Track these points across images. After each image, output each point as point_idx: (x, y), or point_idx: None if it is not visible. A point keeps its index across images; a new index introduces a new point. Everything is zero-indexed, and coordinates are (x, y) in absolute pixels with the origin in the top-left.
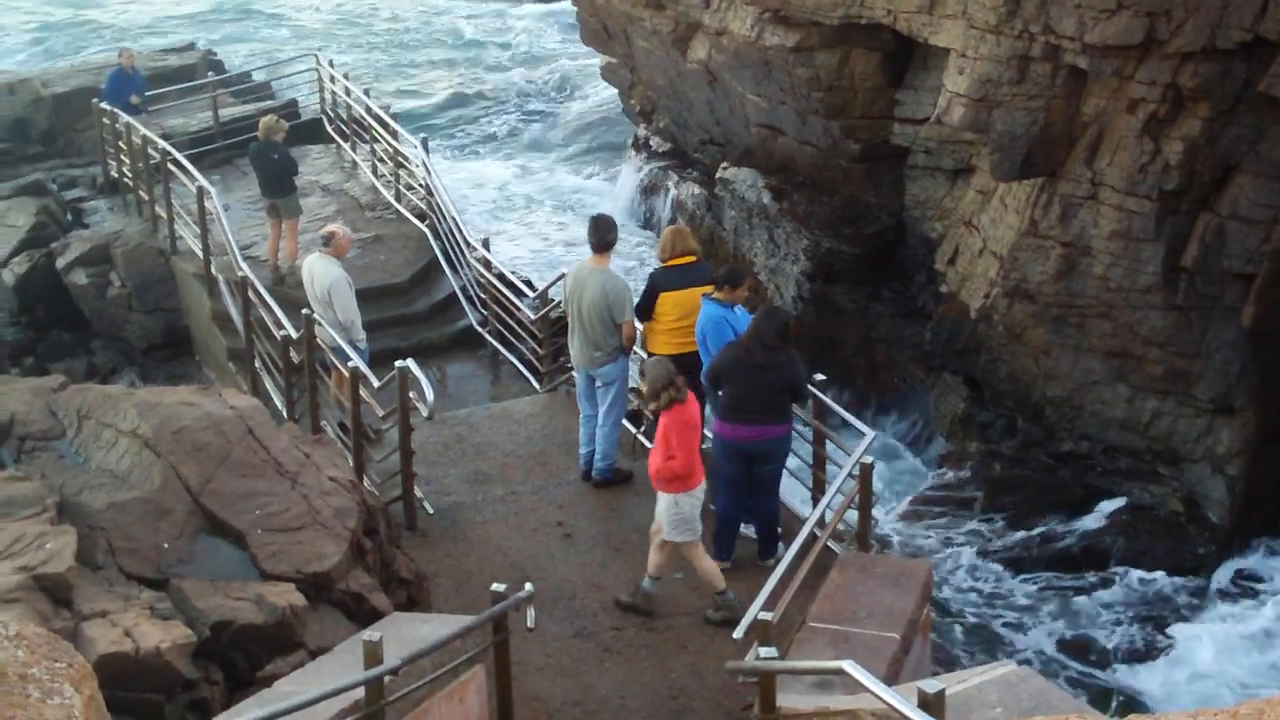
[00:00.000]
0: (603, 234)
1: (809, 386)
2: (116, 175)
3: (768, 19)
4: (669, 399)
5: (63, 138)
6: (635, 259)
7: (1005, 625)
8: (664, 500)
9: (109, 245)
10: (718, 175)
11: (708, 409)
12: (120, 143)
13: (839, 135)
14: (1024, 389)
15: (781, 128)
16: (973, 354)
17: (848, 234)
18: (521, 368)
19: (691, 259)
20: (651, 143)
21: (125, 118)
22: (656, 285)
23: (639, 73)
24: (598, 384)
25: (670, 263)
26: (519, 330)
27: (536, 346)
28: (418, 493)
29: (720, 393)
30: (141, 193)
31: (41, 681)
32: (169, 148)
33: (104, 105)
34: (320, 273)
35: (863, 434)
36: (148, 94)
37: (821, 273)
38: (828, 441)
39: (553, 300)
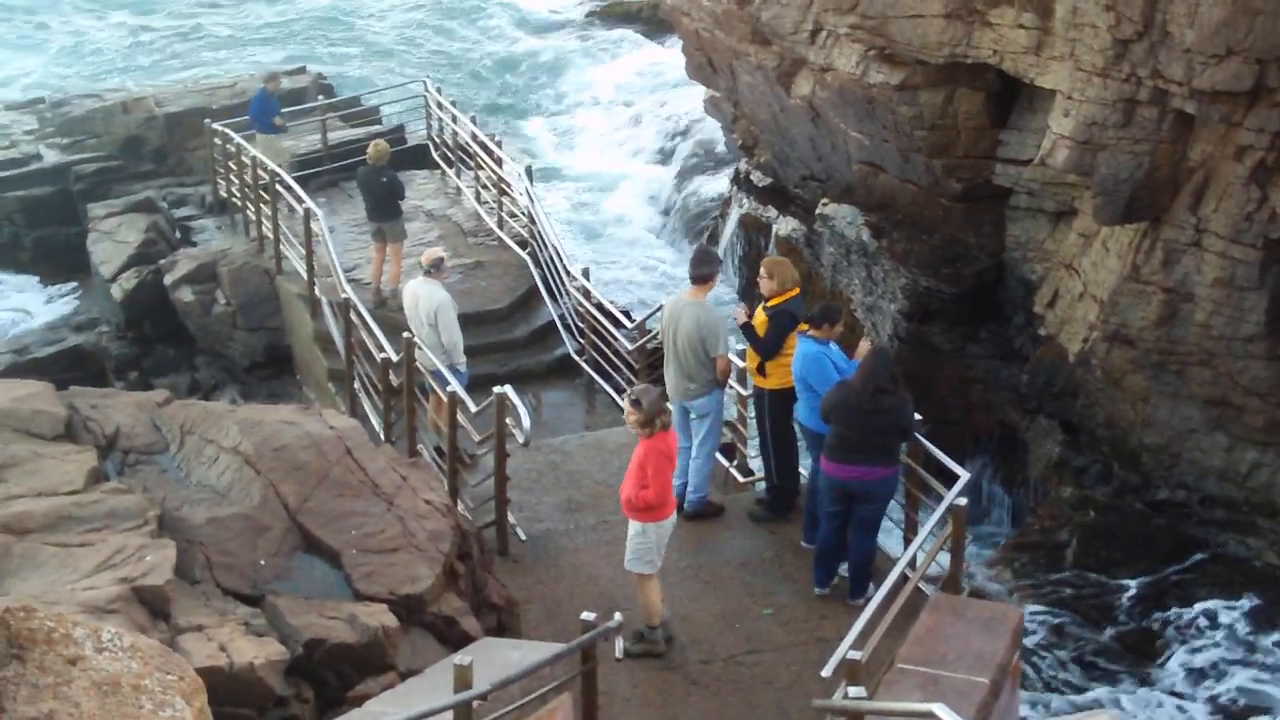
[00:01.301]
0: (700, 266)
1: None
2: (225, 195)
3: (873, 56)
4: (663, 424)
5: (174, 156)
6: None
7: (1095, 673)
8: (633, 528)
9: (216, 264)
10: (818, 211)
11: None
12: (230, 163)
13: (941, 174)
14: (1121, 435)
15: (883, 165)
16: (1070, 398)
17: (946, 273)
18: (617, 397)
19: (797, 292)
20: (753, 177)
21: (236, 138)
22: (797, 317)
23: (742, 107)
24: (692, 416)
25: (786, 296)
26: (615, 360)
27: (632, 377)
28: (511, 519)
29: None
30: (249, 213)
31: (154, 693)
32: (278, 169)
33: (253, 125)
34: (425, 295)
35: (957, 476)
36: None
37: (919, 312)
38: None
39: (650, 331)
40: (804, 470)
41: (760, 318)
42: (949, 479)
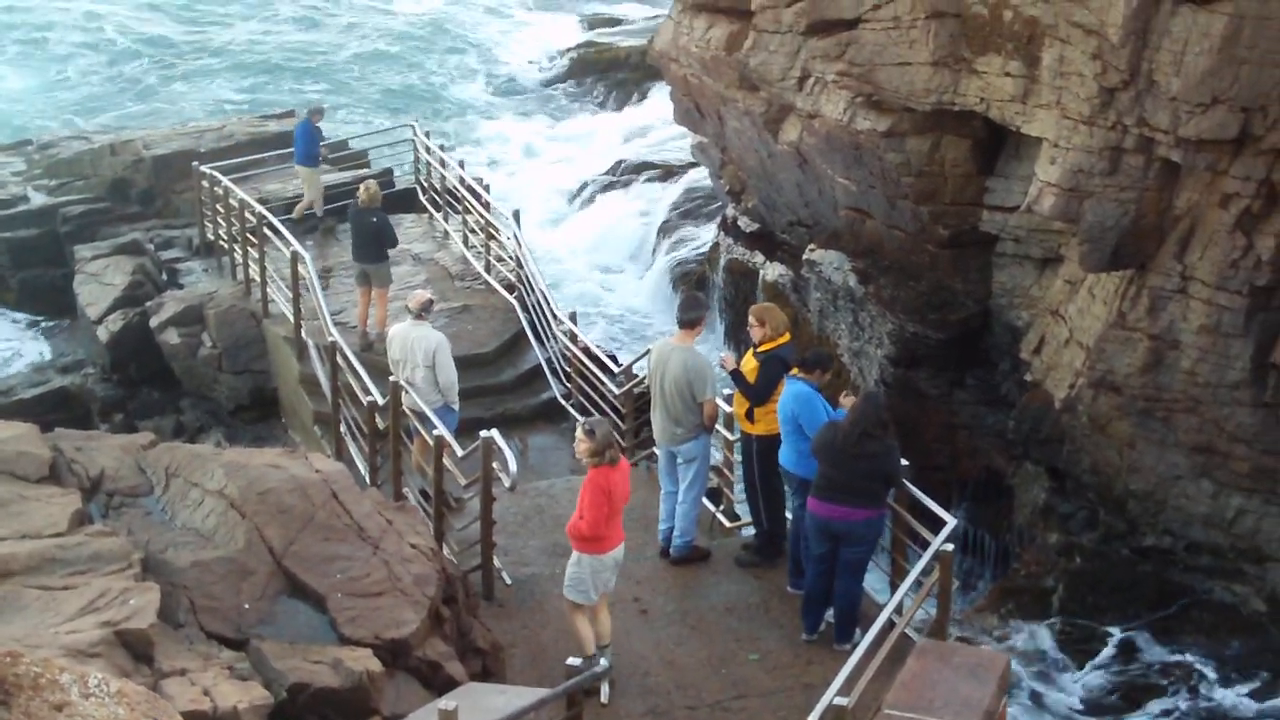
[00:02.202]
0: (688, 311)
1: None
2: (213, 237)
3: (860, 103)
4: (610, 459)
5: (161, 199)
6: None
7: (1082, 719)
8: (572, 556)
9: (202, 306)
10: (805, 256)
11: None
12: (218, 205)
13: (927, 220)
14: (1107, 481)
15: (870, 211)
16: (1056, 444)
17: (933, 319)
18: None
19: (788, 338)
20: (740, 222)
21: (225, 181)
22: (788, 363)
23: (730, 153)
24: (679, 460)
25: (777, 342)
26: (602, 404)
27: (619, 421)
28: (496, 563)
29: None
30: (236, 255)
31: None
32: (265, 212)
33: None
34: (420, 337)
35: (944, 521)
36: (251, 158)
37: (905, 357)
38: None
39: (637, 376)
40: (790, 515)
41: (750, 363)
42: (935, 524)
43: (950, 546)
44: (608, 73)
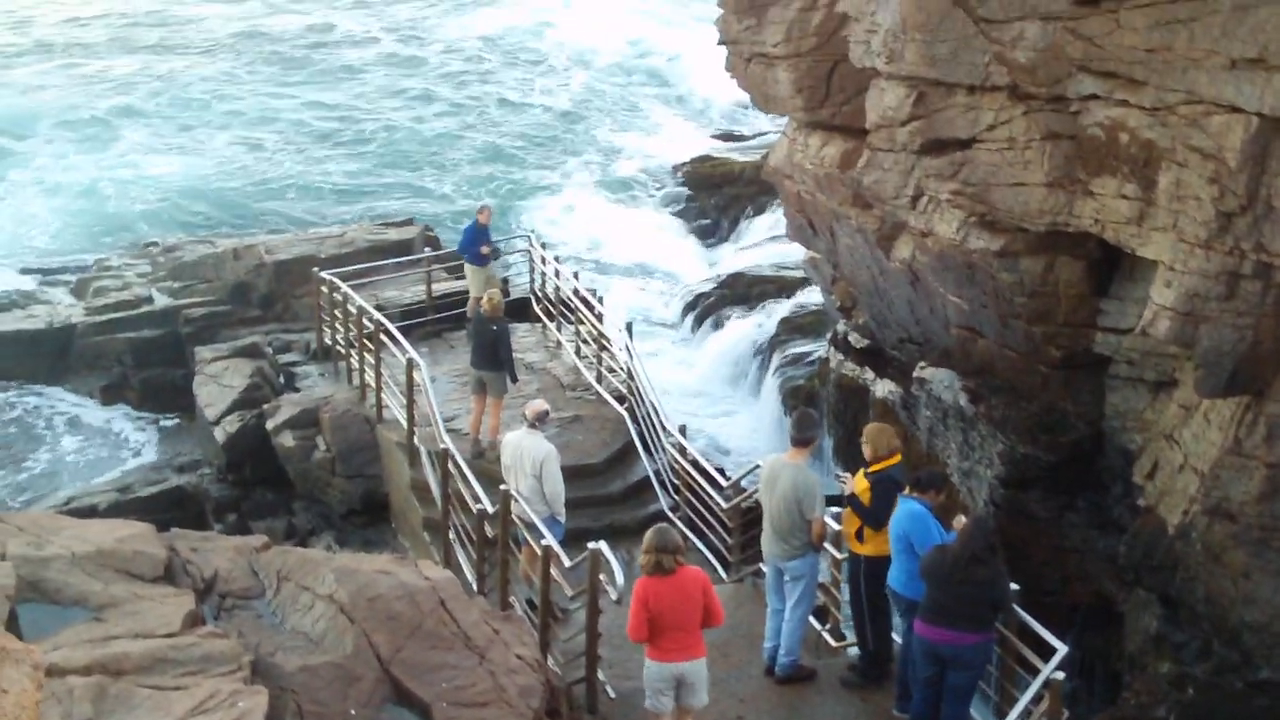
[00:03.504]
0: (802, 429)
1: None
2: (330, 342)
3: (973, 223)
4: (655, 566)
5: (281, 303)
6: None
7: None
8: None
9: (318, 410)
10: (915, 374)
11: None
12: (336, 311)
13: (1040, 341)
14: (1221, 611)
15: (982, 330)
16: (1169, 571)
17: (1044, 440)
18: (710, 556)
19: (899, 458)
20: (850, 338)
21: (344, 287)
22: (900, 484)
23: (841, 269)
24: (786, 578)
25: (888, 463)
26: (710, 518)
27: (726, 536)
28: (601, 675)
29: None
30: (352, 360)
31: None
32: (382, 319)
33: (462, 255)
34: (530, 446)
35: (1054, 648)
36: (370, 265)
37: (1016, 478)
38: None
39: (745, 490)
40: (897, 637)
41: (862, 484)
42: (1045, 650)
43: (1061, 674)
44: (721, 187)
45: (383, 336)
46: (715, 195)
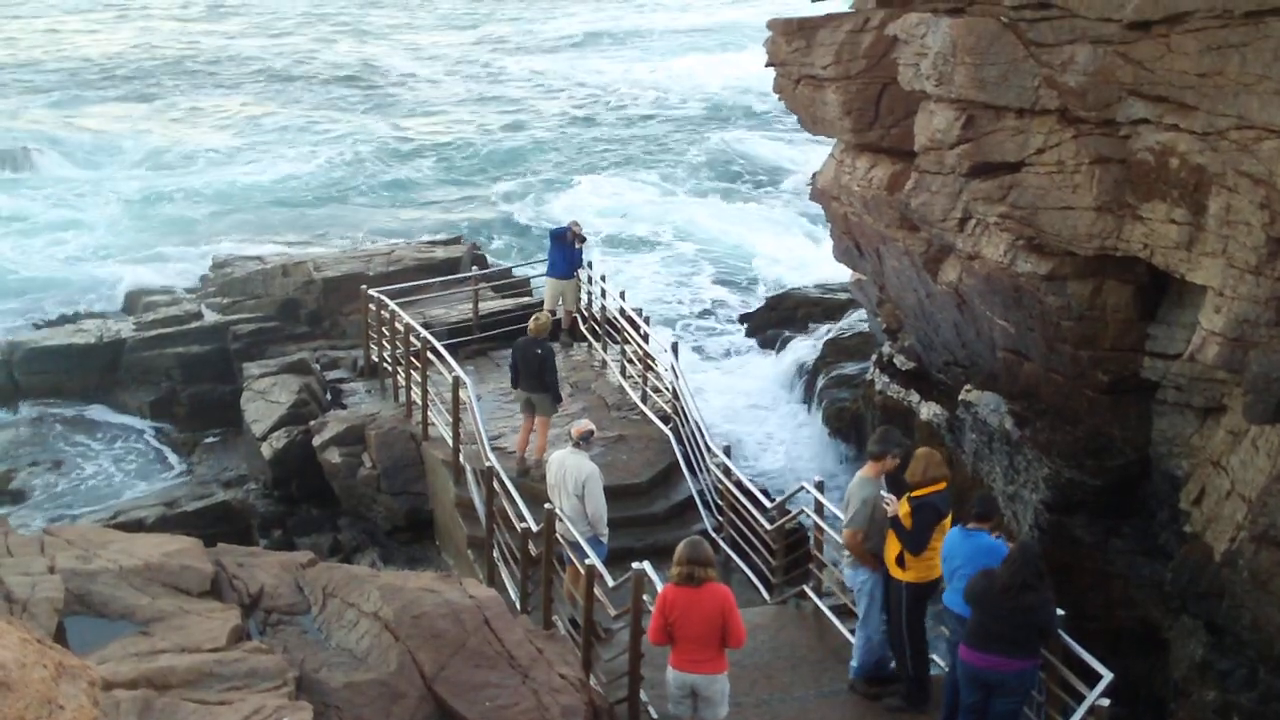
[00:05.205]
0: (881, 444)
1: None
2: (377, 359)
3: (1021, 246)
4: (680, 577)
5: (328, 320)
6: None
7: None
8: None
9: (364, 427)
10: (960, 397)
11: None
12: (383, 328)
13: (1087, 365)
14: (1268, 639)
15: (1028, 354)
16: (1215, 598)
17: (1090, 465)
18: (753, 577)
19: (944, 485)
20: (896, 360)
21: (391, 305)
22: (942, 512)
23: (887, 291)
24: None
25: (932, 489)
26: (753, 539)
27: (769, 557)
28: (643, 696)
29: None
30: (399, 378)
31: None
32: (429, 336)
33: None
34: (574, 465)
35: (1099, 674)
36: (418, 283)
37: (1061, 503)
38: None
39: (789, 511)
40: (939, 660)
41: (904, 509)
42: (1089, 676)
43: (1106, 701)
44: None
45: (429, 354)
46: None
